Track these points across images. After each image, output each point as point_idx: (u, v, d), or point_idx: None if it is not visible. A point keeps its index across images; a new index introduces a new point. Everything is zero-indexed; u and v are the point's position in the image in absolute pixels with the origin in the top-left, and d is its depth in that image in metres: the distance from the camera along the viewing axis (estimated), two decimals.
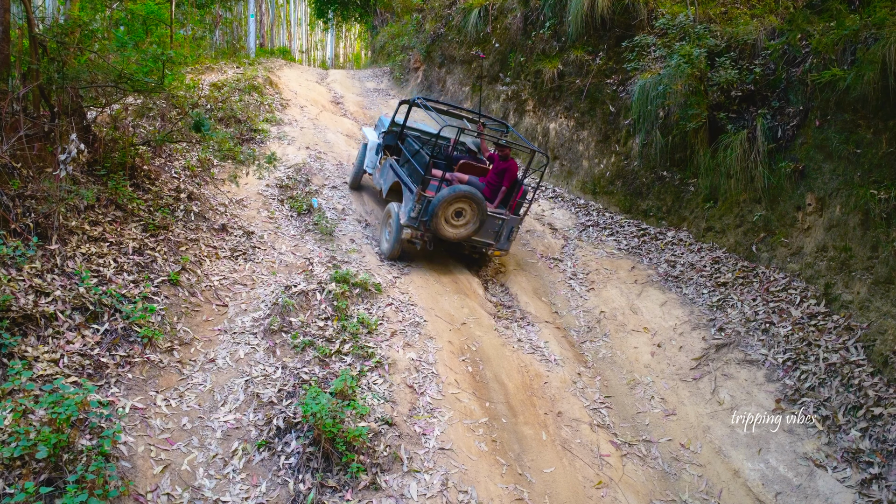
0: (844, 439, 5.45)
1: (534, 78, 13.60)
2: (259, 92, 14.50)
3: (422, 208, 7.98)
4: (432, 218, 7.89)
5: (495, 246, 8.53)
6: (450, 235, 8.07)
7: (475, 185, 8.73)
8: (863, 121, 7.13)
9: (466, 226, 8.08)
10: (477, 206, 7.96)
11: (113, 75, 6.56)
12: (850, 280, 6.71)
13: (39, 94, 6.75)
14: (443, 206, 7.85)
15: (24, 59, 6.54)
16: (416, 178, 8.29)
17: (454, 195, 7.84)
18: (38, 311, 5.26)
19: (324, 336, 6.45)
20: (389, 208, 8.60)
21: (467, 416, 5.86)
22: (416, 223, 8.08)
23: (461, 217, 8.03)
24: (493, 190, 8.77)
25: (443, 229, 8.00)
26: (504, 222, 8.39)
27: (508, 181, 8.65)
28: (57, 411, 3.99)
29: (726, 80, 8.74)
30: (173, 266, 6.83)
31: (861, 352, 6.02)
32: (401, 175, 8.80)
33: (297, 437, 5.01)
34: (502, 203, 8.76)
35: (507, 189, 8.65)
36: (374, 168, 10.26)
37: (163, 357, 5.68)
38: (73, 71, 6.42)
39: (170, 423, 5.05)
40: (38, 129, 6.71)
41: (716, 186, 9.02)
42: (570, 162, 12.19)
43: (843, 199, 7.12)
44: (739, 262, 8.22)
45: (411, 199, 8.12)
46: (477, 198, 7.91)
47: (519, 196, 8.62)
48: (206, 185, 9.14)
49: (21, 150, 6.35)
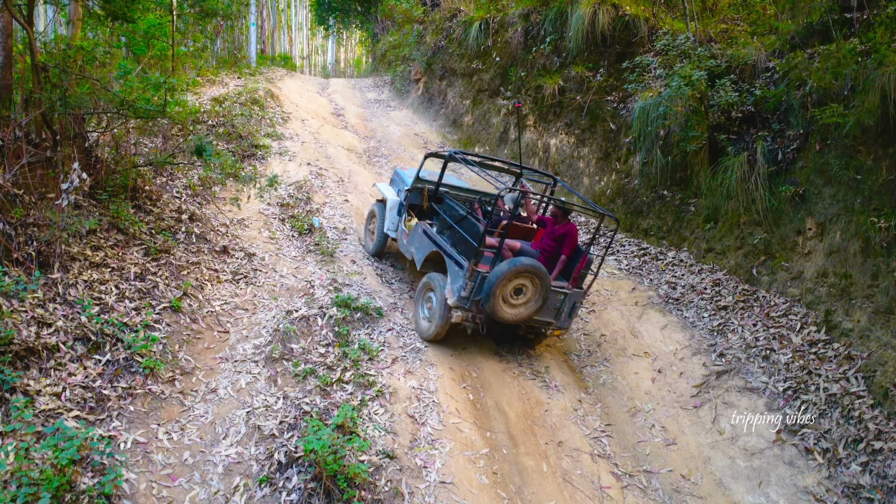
0: (845, 473, 5.46)
1: (534, 93, 13.63)
2: (260, 105, 14.53)
3: (475, 286, 6.76)
4: (489, 298, 6.66)
5: (555, 324, 7.34)
6: (508, 317, 6.83)
7: (529, 253, 7.56)
8: (863, 146, 7.14)
9: (527, 305, 6.86)
10: (540, 281, 6.76)
11: (115, 103, 6.58)
12: (850, 308, 6.72)
13: (42, 121, 6.78)
14: (501, 284, 6.62)
15: (26, 85, 6.57)
16: (465, 248, 7.04)
17: (515, 270, 6.59)
18: (41, 344, 5.28)
19: (325, 364, 6.46)
20: (430, 281, 7.42)
21: (468, 448, 5.87)
22: (467, 303, 6.86)
23: (521, 295, 6.81)
24: (550, 259, 7.52)
25: (500, 310, 6.76)
26: (566, 297, 7.20)
27: (568, 248, 7.40)
28: (59, 455, 3.99)
29: (727, 101, 8.76)
30: (175, 291, 6.84)
31: (861, 383, 6.03)
32: (441, 244, 7.45)
33: (298, 472, 5.02)
34: (562, 274, 7.56)
35: (566, 258, 7.41)
36: (398, 231, 8.81)
37: (164, 388, 5.69)
38: (75, 98, 6.44)
39: (171, 457, 5.05)
40: (40, 155, 6.73)
41: (716, 207, 9.03)
42: (571, 179, 12.21)
43: (843, 226, 7.14)
44: (740, 284, 8.23)
45: (461, 275, 6.86)
46: (541, 272, 6.70)
47: (582, 266, 7.32)
48: (208, 205, 9.16)
49: (23, 177, 6.37)
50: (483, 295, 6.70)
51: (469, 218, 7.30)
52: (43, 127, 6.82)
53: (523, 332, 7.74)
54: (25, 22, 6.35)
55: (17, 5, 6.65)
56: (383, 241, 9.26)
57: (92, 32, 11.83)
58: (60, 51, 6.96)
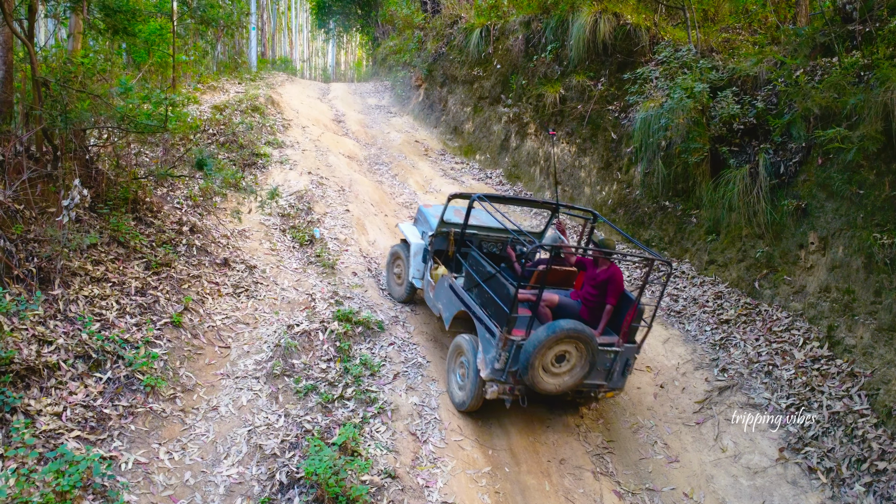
0: (848, 494, 5.44)
1: (535, 101, 13.62)
2: (261, 112, 14.53)
3: (510, 357, 5.91)
4: (527, 369, 5.80)
5: (607, 386, 6.40)
6: (551, 388, 5.99)
7: (570, 307, 6.70)
8: (865, 161, 7.12)
9: (572, 372, 6.02)
10: (585, 346, 5.88)
11: (116, 118, 6.57)
12: (853, 324, 6.71)
13: (42, 136, 6.76)
14: (540, 354, 5.76)
15: (27, 100, 6.56)
16: (496, 310, 6.14)
17: (555, 337, 5.70)
18: (41, 362, 5.27)
19: (326, 380, 6.44)
20: (459, 344, 6.62)
21: (470, 466, 5.85)
22: (503, 375, 5.97)
23: (564, 362, 5.97)
24: (594, 309, 6.59)
25: (541, 382, 5.91)
26: (617, 356, 6.23)
27: (614, 296, 6.46)
28: (61, 482, 3.97)
29: (728, 114, 8.75)
30: (176, 306, 6.83)
31: (864, 401, 6.01)
32: (470, 305, 6.59)
33: (299, 493, 5.00)
34: (610, 325, 6.63)
35: (612, 307, 6.47)
36: (424, 282, 7.89)
37: (165, 406, 5.68)
38: (76, 114, 6.43)
39: (173, 478, 5.04)
40: (40, 170, 6.72)
41: (718, 219, 9.01)
42: (572, 188, 12.19)
43: (845, 241, 7.12)
44: (742, 298, 8.21)
45: (493, 344, 5.99)
46: (585, 335, 5.80)
47: (632, 317, 6.29)
48: (209, 216, 9.14)
49: (24, 193, 6.36)
50: (520, 366, 5.84)
51: (499, 278, 6.26)
52: (44, 142, 6.81)
53: (570, 398, 6.81)
54: (26, 37, 6.34)
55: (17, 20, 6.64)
56: (411, 290, 8.34)
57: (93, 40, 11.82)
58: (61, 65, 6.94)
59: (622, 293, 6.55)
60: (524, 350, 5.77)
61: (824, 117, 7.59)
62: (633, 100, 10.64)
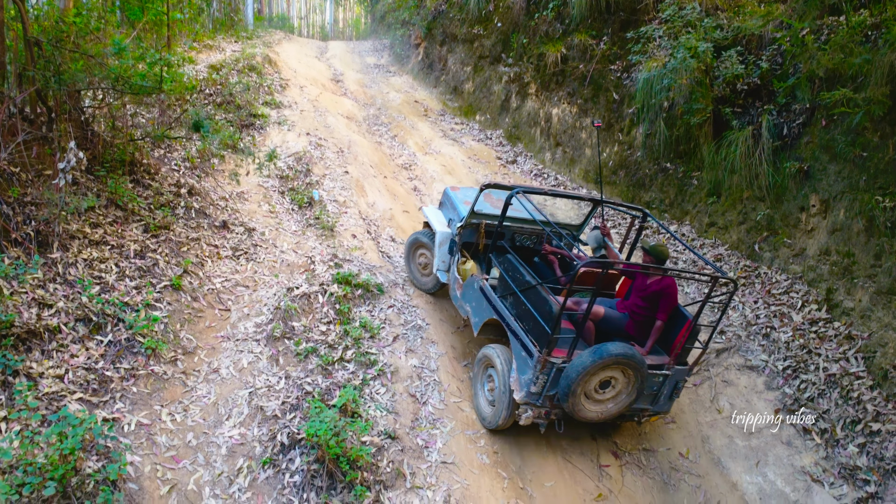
0: (842, 454, 5.52)
1: (536, 61, 13.41)
2: (258, 72, 14.30)
3: (548, 380, 5.29)
4: (567, 396, 5.19)
5: (651, 410, 5.79)
6: (593, 416, 5.44)
7: (616, 321, 5.97)
8: (870, 124, 7.03)
9: (616, 399, 5.45)
10: (634, 372, 5.27)
11: (111, 79, 6.47)
12: (852, 287, 6.71)
13: (36, 97, 6.67)
14: (583, 381, 5.16)
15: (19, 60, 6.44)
16: (534, 326, 5.44)
17: (602, 363, 5.07)
18: (42, 325, 5.28)
19: (326, 342, 6.47)
20: (489, 356, 5.97)
21: (469, 427, 5.92)
22: (539, 400, 5.37)
23: (609, 388, 5.39)
24: (641, 324, 5.87)
25: (583, 410, 5.35)
26: (666, 379, 5.61)
27: (665, 311, 5.70)
28: (64, 444, 4.01)
29: (732, 74, 8.62)
30: (175, 269, 6.82)
31: (861, 363, 6.05)
32: (503, 315, 5.89)
33: (301, 453, 5.07)
34: (659, 342, 5.99)
35: (663, 323, 5.73)
36: (450, 277, 7.12)
37: (167, 368, 5.72)
38: (70, 75, 6.32)
39: (175, 439, 5.10)
40: (35, 132, 6.64)
41: (719, 182, 8.95)
42: (573, 149, 12.09)
43: (847, 203, 7.08)
44: (742, 260, 8.21)
45: (529, 365, 5.33)
46: (635, 362, 5.18)
47: (685, 334, 5.59)
48: (207, 178, 9.08)
49: (19, 155, 6.30)
50: (560, 391, 5.23)
51: (541, 293, 5.48)
52: (38, 103, 6.71)
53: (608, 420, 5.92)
54: None
55: None
56: (439, 281, 7.59)
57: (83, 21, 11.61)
58: (53, 24, 6.80)
59: (675, 308, 5.82)
60: (566, 375, 5.14)
61: (829, 79, 7.48)
62: (635, 59, 10.48)
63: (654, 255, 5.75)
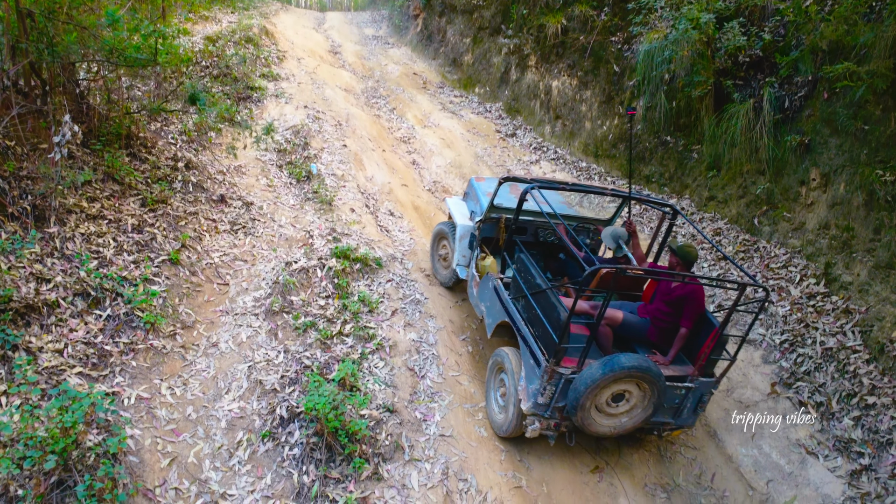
0: (837, 427, 5.56)
1: (536, 32, 13.25)
2: (255, 44, 14.13)
3: (556, 391, 5.00)
4: (576, 409, 4.88)
5: (673, 424, 5.41)
6: (604, 431, 5.13)
7: (636, 326, 5.59)
8: (872, 96, 6.97)
9: (631, 413, 5.12)
10: (650, 386, 4.93)
11: (105, 51, 6.38)
12: (850, 261, 6.71)
13: (30, 69, 6.59)
14: (592, 394, 4.83)
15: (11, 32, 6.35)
16: (543, 332, 5.11)
17: (613, 376, 4.75)
18: (40, 300, 5.28)
19: (325, 316, 6.48)
20: (500, 359, 5.71)
21: (467, 400, 5.96)
22: (546, 411, 5.08)
23: (623, 401, 5.06)
24: (665, 331, 5.51)
25: (592, 424, 5.04)
26: (689, 392, 5.23)
27: (690, 318, 5.34)
28: (65, 418, 4.03)
29: (734, 45, 8.53)
30: (173, 243, 6.80)
31: (858, 337, 6.07)
32: (513, 317, 5.60)
33: (300, 427, 5.10)
34: (683, 351, 5.63)
35: (687, 331, 5.38)
36: (469, 274, 6.77)
37: (166, 342, 5.73)
38: (63, 47, 6.24)
39: (175, 412, 5.13)
40: (30, 105, 6.58)
41: (720, 155, 8.90)
42: (573, 122, 12.01)
43: (847, 177, 7.05)
44: (741, 234, 8.20)
45: (537, 373, 5.05)
46: (651, 375, 4.83)
47: (711, 343, 5.16)
48: (204, 151, 9.01)
49: (14, 129, 6.25)
50: (568, 403, 4.94)
51: (550, 298, 5.13)
52: (31, 76, 6.63)
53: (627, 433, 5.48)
54: None
55: None
56: (457, 277, 7.30)
57: None
58: None
59: (702, 314, 5.44)
60: (574, 388, 4.84)
61: (833, 51, 7.40)
62: (636, 31, 10.36)
63: (681, 256, 5.38)
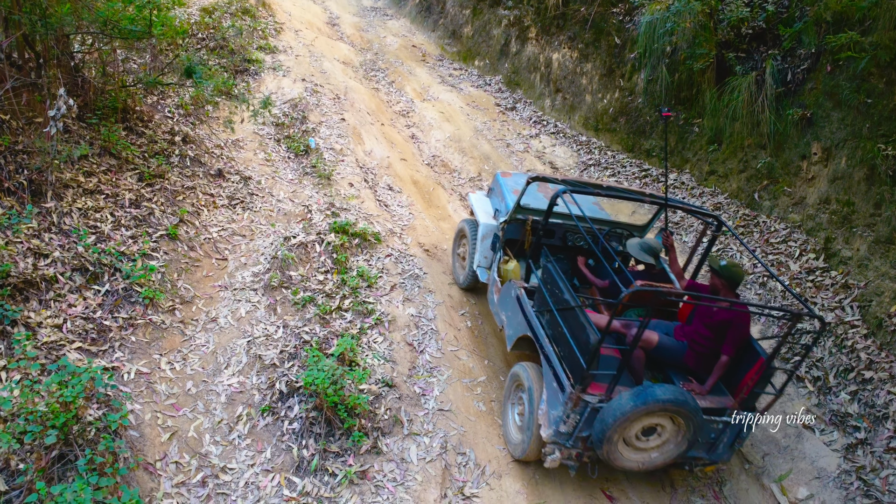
0: (834, 402, 5.59)
1: (537, 4, 13.08)
2: (251, 15, 13.92)
3: (581, 420, 4.52)
4: (602, 442, 4.42)
5: (706, 460, 4.87)
6: (632, 466, 4.67)
7: (671, 350, 5.07)
8: (876, 69, 6.90)
9: (663, 448, 4.66)
10: (686, 420, 4.47)
11: (98, 24, 6.29)
12: (850, 236, 6.69)
13: (24, 42, 6.51)
14: (621, 428, 4.38)
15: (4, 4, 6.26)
16: (568, 353, 4.63)
17: (646, 409, 4.30)
18: (39, 275, 5.27)
19: (324, 291, 6.48)
20: (519, 376, 5.22)
21: (466, 375, 5.98)
22: (569, 441, 4.62)
23: (654, 435, 4.61)
24: (704, 357, 4.98)
25: (619, 458, 4.58)
26: (727, 427, 4.69)
27: (733, 345, 4.81)
28: (65, 392, 4.04)
29: (737, 17, 8.42)
30: (171, 218, 6.78)
31: (856, 312, 6.08)
32: (536, 333, 5.12)
33: (299, 401, 5.13)
34: (722, 380, 5.08)
35: (729, 359, 4.83)
36: (490, 279, 6.35)
37: (165, 318, 5.74)
38: (56, 18, 6.15)
39: (175, 387, 5.15)
40: (24, 78, 6.50)
41: (721, 129, 8.84)
42: (573, 96, 11.90)
43: (849, 151, 7.00)
44: (741, 209, 8.17)
45: (560, 399, 4.57)
46: (689, 410, 4.37)
47: (756, 373, 4.71)
48: (201, 125, 8.94)
49: (9, 102, 6.18)
50: (594, 434, 4.48)
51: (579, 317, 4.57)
52: (25, 48, 6.55)
53: None
54: None
55: None
56: (475, 278, 6.83)
57: None
58: None
59: (746, 341, 4.93)
60: (601, 419, 4.38)
61: (836, 23, 7.30)
62: (638, 2, 10.22)
63: (727, 277, 4.81)
